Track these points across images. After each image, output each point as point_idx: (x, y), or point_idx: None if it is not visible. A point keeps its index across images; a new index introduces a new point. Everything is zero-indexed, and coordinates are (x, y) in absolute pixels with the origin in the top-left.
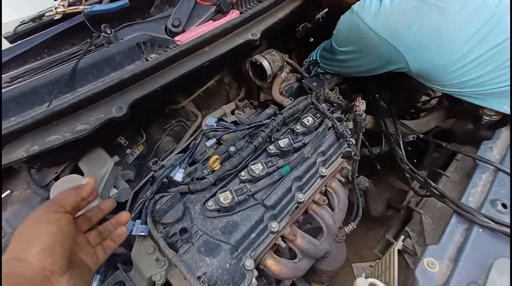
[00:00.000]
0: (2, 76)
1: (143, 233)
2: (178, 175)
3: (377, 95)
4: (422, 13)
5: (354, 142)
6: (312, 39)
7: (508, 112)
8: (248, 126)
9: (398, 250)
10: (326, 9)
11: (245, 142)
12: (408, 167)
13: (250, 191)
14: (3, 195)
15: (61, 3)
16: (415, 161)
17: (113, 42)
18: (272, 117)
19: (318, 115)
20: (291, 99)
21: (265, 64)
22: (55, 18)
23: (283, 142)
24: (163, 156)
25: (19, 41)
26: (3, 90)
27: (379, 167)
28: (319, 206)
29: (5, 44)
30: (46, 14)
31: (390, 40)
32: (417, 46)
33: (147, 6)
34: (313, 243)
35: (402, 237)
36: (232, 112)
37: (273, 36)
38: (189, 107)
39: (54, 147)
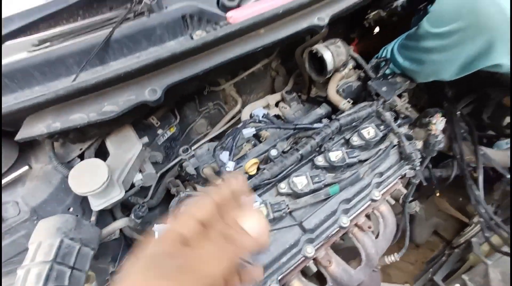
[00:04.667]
0: (31, 37)
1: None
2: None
3: (456, 109)
4: None
5: (419, 167)
6: (378, 29)
7: None
8: (295, 127)
9: None
10: None
11: (288, 145)
12: (487, 216)
13: (288, 208)
14: (20, 171)
15: None
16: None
17: (155, 11)
18: (326, 123)
19: (381, 127)
20: (349, 101)
21: (328, 57)
22: None
23: (335, 155)
24: (194, 139)
25: None
26: (29, 54)
27: (437, 194)
28: (362, 231)
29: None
30: None
31: None
32: None
33: None
34: (348, 272)
35: None
36: (276, 104)
37: (335, 20)
38: (229, 91)
39: (77, 126)
